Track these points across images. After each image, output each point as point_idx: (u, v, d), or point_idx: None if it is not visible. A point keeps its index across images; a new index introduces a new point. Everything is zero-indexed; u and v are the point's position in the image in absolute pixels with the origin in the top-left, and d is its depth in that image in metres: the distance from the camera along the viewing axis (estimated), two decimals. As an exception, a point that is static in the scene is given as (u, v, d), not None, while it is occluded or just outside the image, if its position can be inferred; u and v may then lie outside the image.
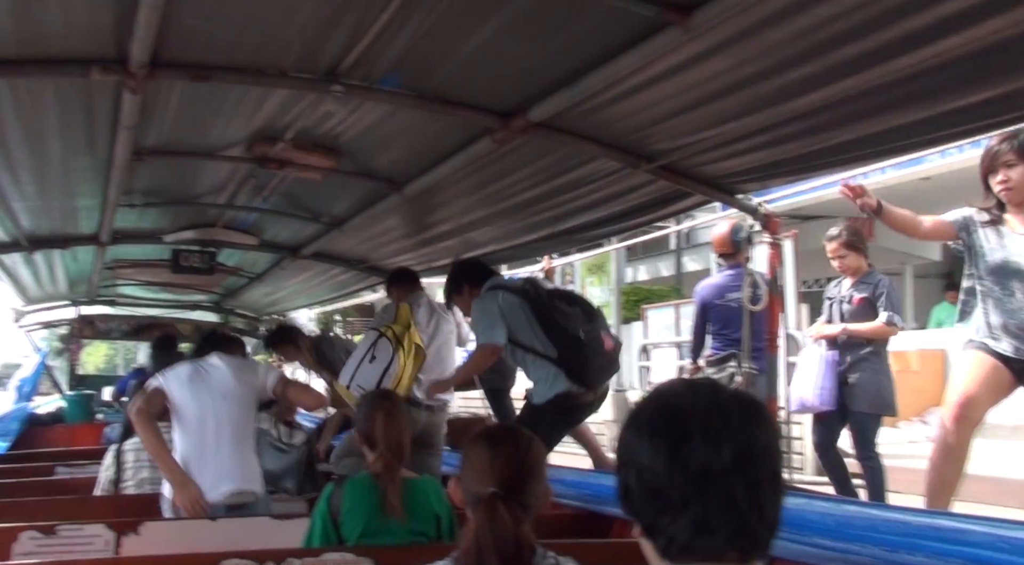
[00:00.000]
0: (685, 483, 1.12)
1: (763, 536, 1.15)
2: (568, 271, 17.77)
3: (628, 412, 1.26)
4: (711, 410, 1.16)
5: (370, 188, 4.31)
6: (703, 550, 1.13)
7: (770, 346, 3.51)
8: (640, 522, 1.20)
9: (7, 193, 4.07)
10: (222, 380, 3.72)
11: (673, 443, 1.14)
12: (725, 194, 3.55)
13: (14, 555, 3.09)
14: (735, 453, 1.12)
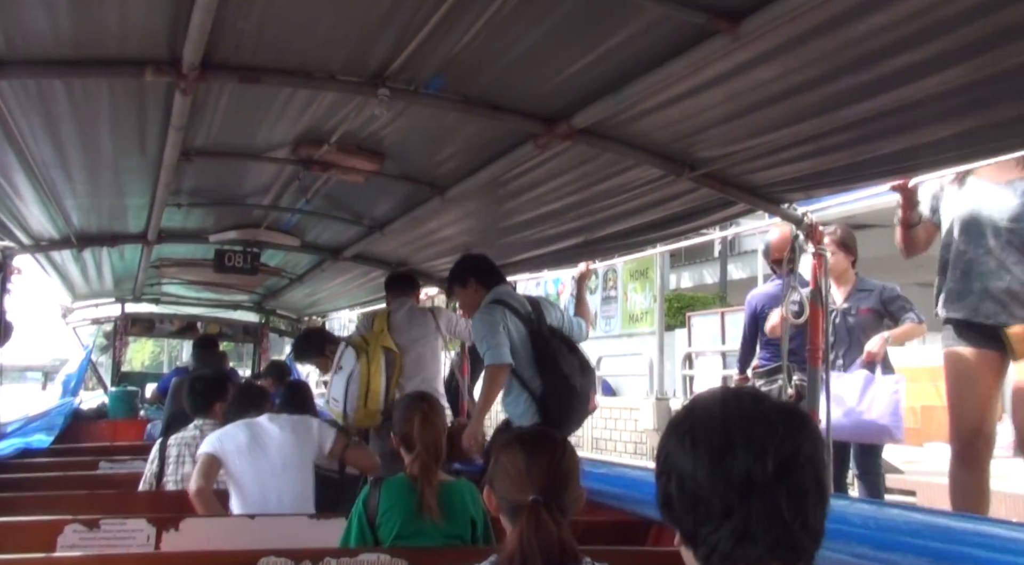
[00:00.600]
0: (727, 493, 1.12)
1: (806, 546, 1.14)
2: (611, 277, 17.70)
3: (670, 420, 1.25)
4: (754, 420, 1.15)
5: (412, 191, 4.33)
6: (745, 560, 1.12)
7: (812, 359, 3.45)
8: (681, 531, 1.20)
9: (60, 191, 4.15)
10: (282, 449, 3.66)
11: (716, 453, 1.14)
12: (769, 203, 3.52)
13: (59, 547, 3.15)
14: (778, 463, 1.11)
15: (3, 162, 3.60)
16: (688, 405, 1.25)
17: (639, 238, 4.55)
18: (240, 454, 3.61)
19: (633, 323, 16.75)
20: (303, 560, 2.84)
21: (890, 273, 7.09)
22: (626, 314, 17.00)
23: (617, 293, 17.42)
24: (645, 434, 11.13)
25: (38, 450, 6.17)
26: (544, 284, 20.22)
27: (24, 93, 2.91)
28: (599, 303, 17.94)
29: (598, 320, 17.81)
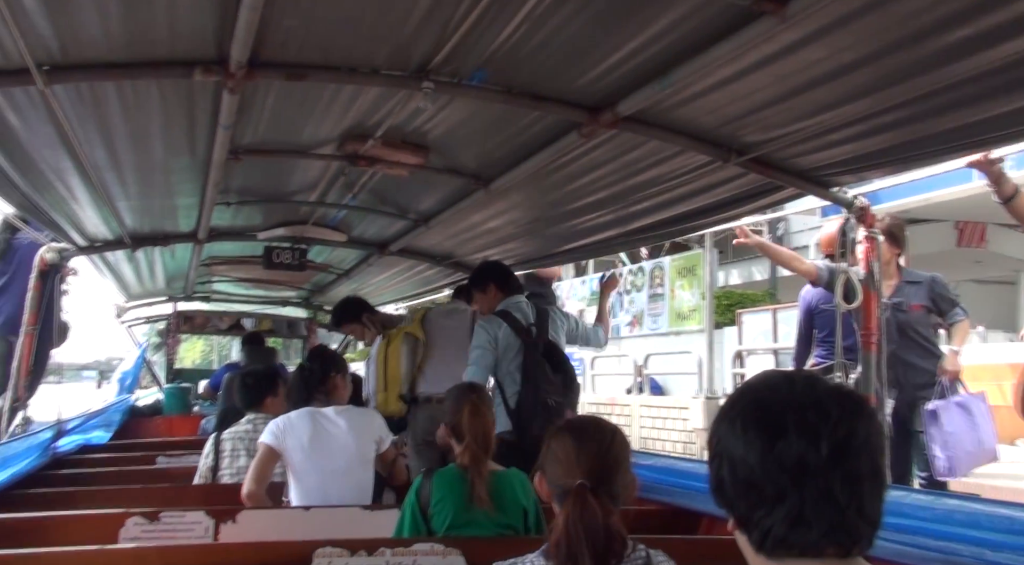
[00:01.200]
0: (780, 477, 1.11)
1: (863, 531, 1.12)
2: (657, 274, 17.57)
3: (722, 404, 1.24)
4: (807, 403, 1.14)
5: (456, 184, 4.34)
6: (799, 544, 1.11)
7: (865, 344, 3.40)
8: (734, 515, 1.19)
9: (113, 193, 4.23)
10: (345, 448, 3.65)
11: (768, 437, 1.13)
12: (819, 187, 3.47)
13: (121, 539, 3.22)
14: (832, 447, 1.10)
15: (60, 167, 3.68)
16: (740, 389, 1.24)
17: (686, 225, 4.52)
18: (302, 450, 3.60)
19: (681, 321, 16.60)
20: (358, 550, 2.87)
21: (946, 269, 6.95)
22: (673, 312, 16.86)
23: (664, 291, 17.27)
24: (695, 433, 11.06)
25: (98, 446, 6.31)
26: (590, 282, 20.19)
27: (78, 98, 2.96)
28: (646, 301, 17.83)
29: (645, 318, 17.72)
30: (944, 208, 12.10)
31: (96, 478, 4.75)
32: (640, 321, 18.01)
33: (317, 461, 3.60)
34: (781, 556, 1.13)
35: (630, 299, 18.47)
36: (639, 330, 17.95)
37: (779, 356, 11.85)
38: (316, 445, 3.61)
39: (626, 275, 18.58)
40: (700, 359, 12.45)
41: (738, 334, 13.61)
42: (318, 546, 2.85)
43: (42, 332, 5.45)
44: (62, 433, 5.46)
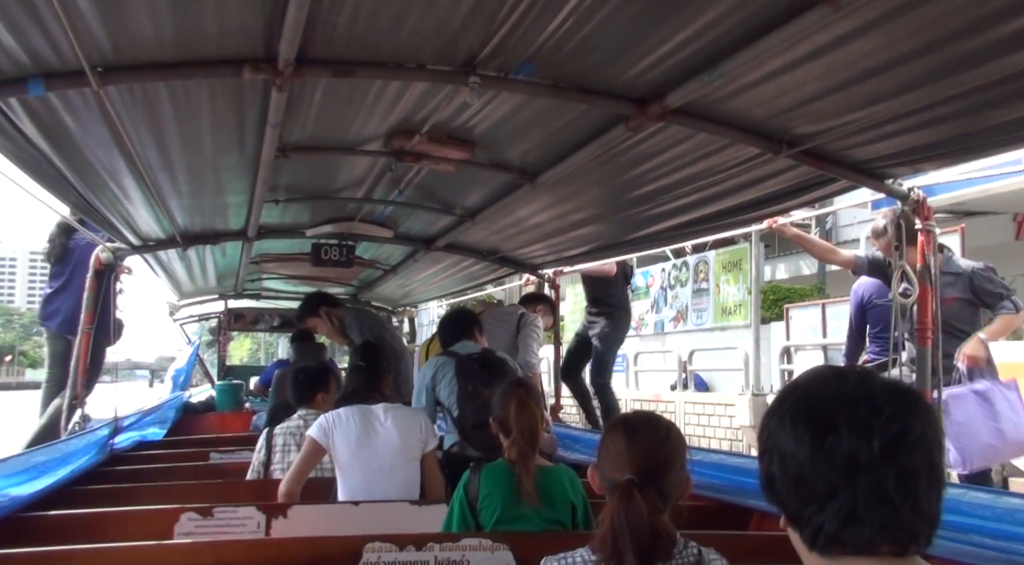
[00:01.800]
0: (831, 473, 1.09)
1: (919, 529, 1.09)
2: (702, 269, 17.37)
3: (773, 400, 1.22)
4: (859, 398, 1.11)
5: (502, 179, 4.34)
6: (852, 542, 1.09)
7: (920, 338, 3.32)
8: (785, 512, 1.17)
9: (165, 192, 4.30)
10: (390, 446, 3.66)
11: (817, 432, 1.11)
12: (873, 179, 3.39)
13: (176, 534, 3.28)
14: (885, 443, 1.07)
15: (113, 167, 3.74)
16: (791, 384, 1.22)
17: (734, 219, 4.46)
18: (349, 446, 3.63)
19: (726, 316, 16.38)
20: (407, 545, 2.89)
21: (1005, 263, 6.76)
22: (718, 307, 16.64)
23: (709, 286, 17.05)
24: (741, 431, 10.92)
25: (153, 442, 6.44)
26: (634, 277, 20.02)
27: (131, 98, 3.01)
28: (690, 296, 17.63)
29: (689, 313, 17.54)
30: (1003, 201, 11.80)
31: (151, 474, 4.84)
32: (684, 316, 17.83)
33: (363, 458, 3.62)
34: (835, 554, 1.10)
35: (674, 294, 18.30)
36: (683, 326, 17.77)
37: (828, 352, 11.64)
38: (363, 442, 3.63)
39: (670, 270, 18.43)
40: (746, 355, 12.28)
41: (785, 329, 13.39)
42: (368, 541, 2.87)
43: (98, 331, 5.57)
44: (119, 430, 5.57)
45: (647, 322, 19.08)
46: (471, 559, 2.86)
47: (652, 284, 19.25)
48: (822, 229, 19.22)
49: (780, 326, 14.32)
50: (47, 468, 3.83)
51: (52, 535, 3.19)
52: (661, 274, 18.74)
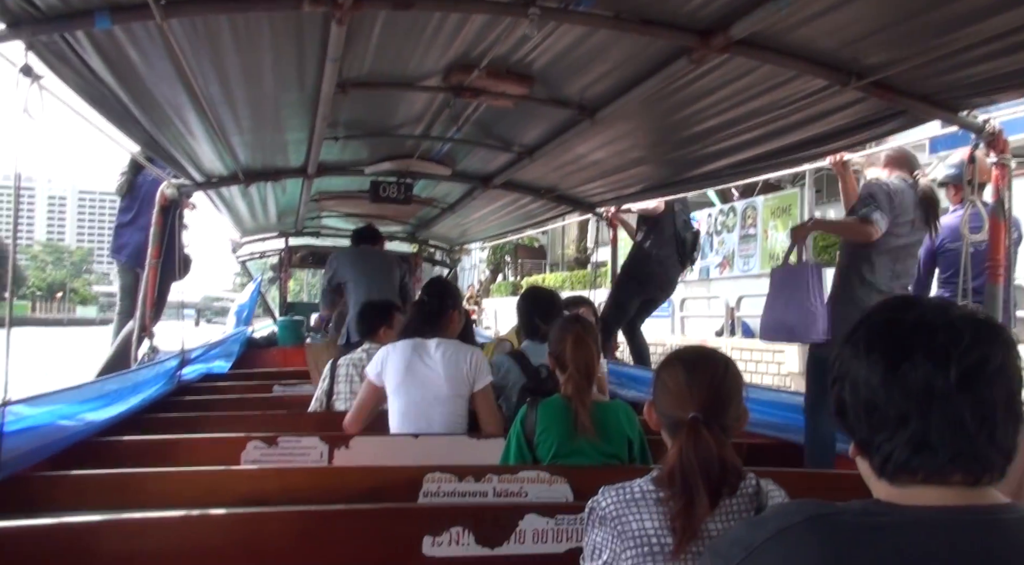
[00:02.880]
0: (903, 401, 1.07)
1: (994, 460, 1.07)
2: (750, 214, 17.08)
3: (850, 328, 1.20)
4: (937, 326, 1.08)
5: (561, 115, 4.28)
6: (923, 470, 1.07)
7: (992, 276, 3.23)
8: (855, 439, 1.15)
9: (227, 128, 4.34)
10: (435, 381, 3.68)
11: (892, 358, 1.08)
12: (946, 111, 3.26)
13: (243, 461, 3.40)
14: (963, 372, 1.04)
15: (177, 102, 3.79)
16: (867, 313, 1.19)
17: (797, 155, 4.35)
18: (396, 376, 3.69)
19: (774, 262, 16.11)
20: (466, 476, 2.95)
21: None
22: (766, 253, 16.38)
23: (757, 231, 16.78)
24: (790, 377, 10.80)
25: (219, 375, 6.64)
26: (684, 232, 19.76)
27: (193, 31, 3.02)
28: (737, 242, 17.40)
29: (736, 259, 17.31)
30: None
31: (218, 404, 5.00)
32: (731, 263, 17.63)
33: (407, 389, 3.68)
34: (904, 482, 1.09)
35: (720, 240, 18.07)
36: (730, 272, 17.57)
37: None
38: (409, 374, 3.67)
39: (716, 215, 18.16)
40: None
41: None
42: (428, 471, 2.93)
43: (164, 265, 5.71)
44: (186, 362, 5.74)
45: (692, 268, 18.90)
46: (529, 491, 2.91)
47: (698, 229, 19.00)
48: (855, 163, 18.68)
49: (829, 272, 14.03)
50: (120, 396, 3.97)
51: (126, 458, 3.33)
52: (707, 220, 18.51)
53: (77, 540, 2.18)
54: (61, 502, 2.66)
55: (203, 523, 2.30)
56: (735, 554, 1.08)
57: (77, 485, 2.80)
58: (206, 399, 5.24)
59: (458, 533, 2.37)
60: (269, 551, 2.28)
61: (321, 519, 2.38)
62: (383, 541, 2.36)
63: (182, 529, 2.27)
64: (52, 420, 3.06)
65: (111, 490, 2.79)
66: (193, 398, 5.26)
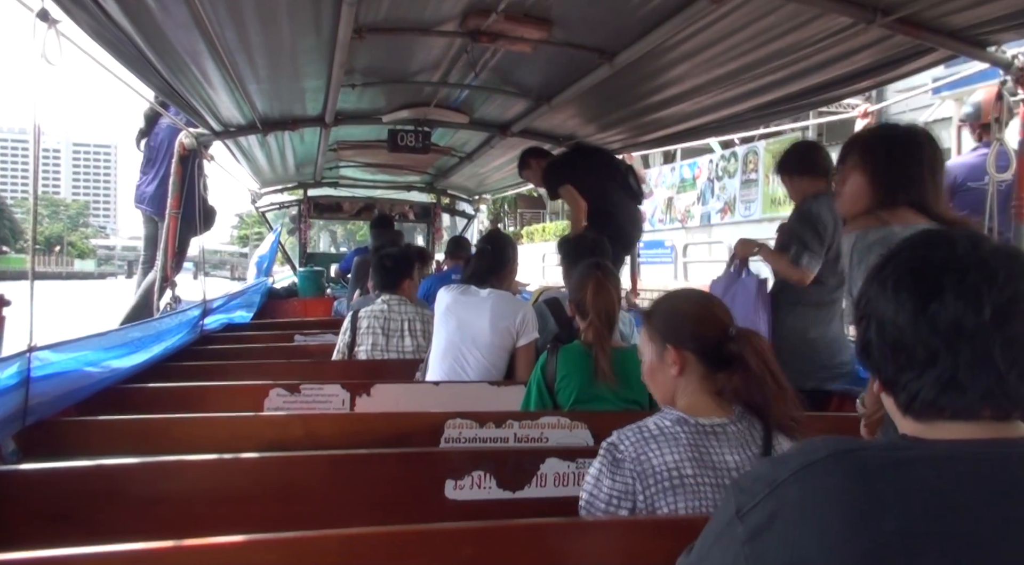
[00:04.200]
0: (932, 339, 1.05)
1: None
2: (751, 159, 16.94)
3: (873, 265, 1.18)
4: (969, 263, 1.06)
5: (580, 59, 4.21)
6: (951, 407, 1.06)
7: (1018, 214, 3.18)
8: (880, 378, 1.14)
9: (244, 76, 4.31)
10: (480, 329, 3.70)
11: (921, 297, 1.07)
12: (974, 47, 3.18)
13: (266, 408, 3.44)
14: (995, 309, 1.03)
15: (194, 49, 3.76)
16: (892, 249, 1.16)
17: (820, 96, 4.27)
18: (442, 320, 3.73)
19: (775, 207, 16.16)
20: (487, 422, 2.97)
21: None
22: (767, 198, 16.36)
23: (758, 176, 16.73)
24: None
25: (241, 324, 6.70)
26: (680, 168, 19.69)
27: None
28: (738, 187, 17.37)
29: (737, 204, 17.26)
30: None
31: (240, 353, 5.05)
32: (732, 208, 17.62)
33: (446, 327, 3.72)
34: (931, 419, 1.08)
35: (721, 185, 18.04)
36: (730, 217, 17.59)
37: None
38: (454, 318, 3.71)
39: (717, 161, 18.06)
40: None
41: None
42: (449, 417, 2.96)
43: (184, 216, 5.73)
44: (208, 312, 5.79)
45: (693, 214, 18.98)
46: (550, 436, 2.93)
47: (699, 176, 18.99)
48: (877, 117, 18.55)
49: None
50: (143, 344, 4.02)
51: (151, 405, 3.38)
52: (708, 165, 18.46)
53: (109, 481, 2.23)
54: (89, 447, 2.70)
55: (232, 466, 2.34)
56: (759, 490, 1.08)
57: (105, 430, 2.85)
58: (228, 348, 5.29)
59: (480, 477, 2.39)
60: (295, 494, 2.31)
61: (345, 463, 2.41)
62: (406, 485, 2.38)
63: (211, 472, 2.31)
64: (78, 367, 3.10)
65: (138, 435, 2.84)
66: (215, 347, 5.31)
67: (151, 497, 2.22)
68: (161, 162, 6.32)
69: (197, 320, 5.46)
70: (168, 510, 2.22)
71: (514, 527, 1.83)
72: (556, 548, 1.75)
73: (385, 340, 4.45)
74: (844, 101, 4.27)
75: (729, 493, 1.13)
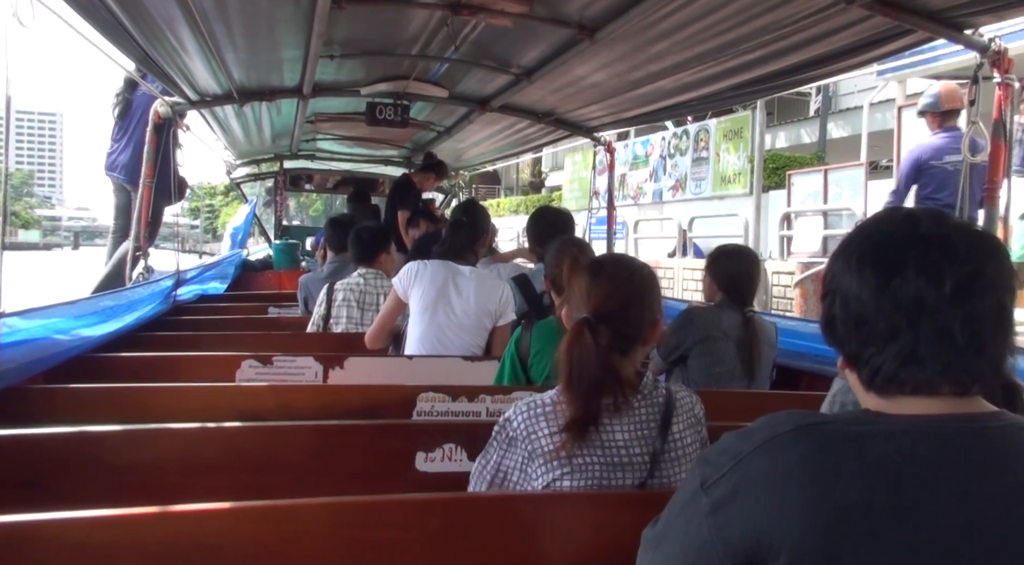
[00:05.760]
0: (894, 314, 1.07)
1: (983, 372, 1.08)
2: (703, 137, 17.09)
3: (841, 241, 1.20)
4: (931, 240, 1.08)
5: (561, 35, 4.20)
6: (912, 382, 1.08)
7: (989, 197, 3.22)
8: (844, 353, 1.16)
9: (221, 44, 4.25)
10: (464, 310, 3.70)
11: (884, 272, 1.08)
12: (951, 29, 3.20)
13: (238, 379, 3.43)
14: (956, 285, 1.05)
15: (170, 16, 3.70)
16: (859, 226, 1.19)
17: (798, 76, 4.29)
18: (424, 298, 3.70)
19: (724, 185, 16.38)
20: (459, 396, 2.98)
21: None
22: (717, 176, 16.60)
23: (709, 154, 16.94)
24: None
25: (214, 296, 6.65)
26: (633, 145, 19.79)
27: None
28: (689, 165, 17.58)
29: (688, 182, 17.49)
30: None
31: (213, 325, 5.03)
32: (683, 185, 17.86)
33: (435, 314, 3.69)
34: (892, 393, 1.10)
35: (673, 163, 18.25)
36: (681, 195, 17.86)
37: (828, 217, 11.60)
38: (438, 297, 3.69)
39: (669, 139, 18.25)
40: (746, 221, 12.27)
41: (787, 196, 13.29)
42: (422, 391, 2.96)
43: (158, 185, 5.67)
44: (181, 282, 5.75)
45: (645, 191, 19.21)
46: (522, 411, 2.94)
47: (651, 153, 19.17)
48: (825, 94, 18.80)
49: (778, 195, 14.42)
50: (115, 313, 3.98)
51: (122, 374, 3.36)
52: (661, 143, 18.68)
53: (80, 448, 2.22)
54: (58, 414, 2.69)
55: (205, 435, 2.34)
56: (724, 463, 1.10)
57: (74, 398, 2.83)
58: (201, 319, 5.26)
59: (451, 450, 2.40)
60: (266, 464, 2.31)
61: (316, 434, 2.41)
62: (377, 456, 2.39)
63: (184, 440, 2.31)
64: (47, 334, 3.07)
65: (108, 404, 2.82)
66: (188, 318, 5.28)
67: (122, 465, 2.22)
68: (134, 130, 6.24)
69: (170, 290, 5.42)
70: (139, 478, 2.21)
71: (482, 499, 1.84)
72: (524, 519, 1.77)
73: (360, 313, 4.45)
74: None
75: (695, 466, 1.15)
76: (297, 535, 1.63)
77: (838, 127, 18.73)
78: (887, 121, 14.80)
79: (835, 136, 18.57)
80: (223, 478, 2.25)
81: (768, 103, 15.31)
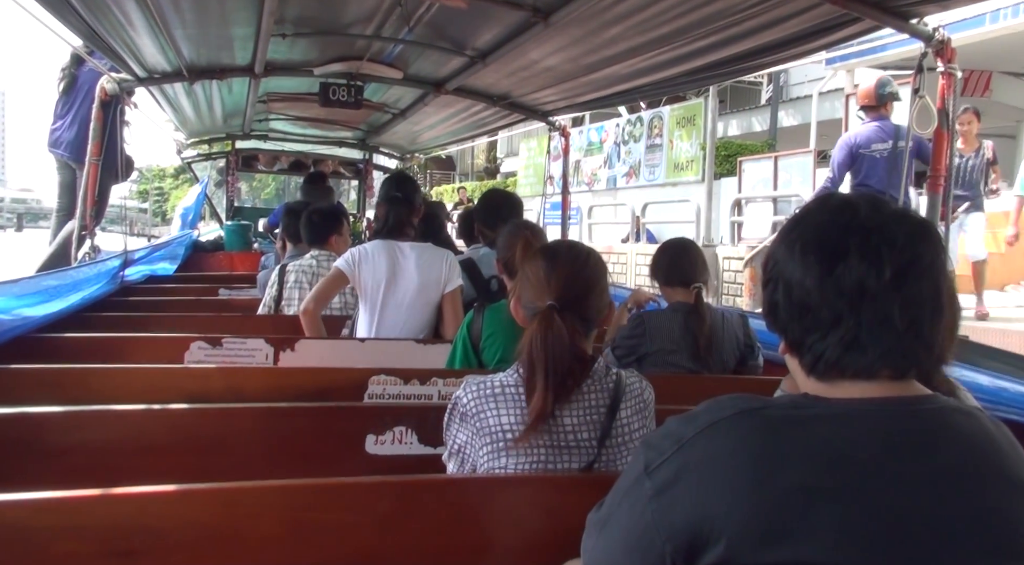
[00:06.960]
0: (837, 301, 1.09)
1: (920, 355, 1.11)
2: (656, 124, 17.27)
3: (781, 228, 1.21)
4: (871, 227, 1.10)
5: (515, 17, 4.19)
6: (852, 367, 1.10)
7: (932, 185, 3.29)
8: (786, 339, 1.18)
9: (169, 20, 4.16)
10: (410, 284, 3.68)
11: (827, 260, 1.10)
12: (897, 19, 3.25)
13: (186, 361, 3.38)
14: (895, 271, 1.07)
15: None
16: (799, 213, 1.20)
17: (749, 63, 4.34)
18: (373, 281, 3.66)
19: (678, 172, 16.68)
20: (411, 379, 2.98)
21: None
22: (671, 163, 16.87)
23: (662, 141, 17.20)
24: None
25: (164, 277, 6.55)
26: (587, 132, 19.92)
27: None
28: (643, 152, 17.79)
29: (642, 168, 17.71)
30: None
31: (163, 306, 4.94)
32: (637, 172, 18.09)
33: (384, 294, 3.67)
34: (833, 378, 1.13)
35: (627, 150, 18.47)
36: (635, 181, 18.09)
37: (778, 203, 11.88)
38: (386, 278, 3.66)
39: (624, 125, 18.41)
40: (698, 207, 12.47)
41: (738, 182, 13.52)
42: (373, 374, 2.95)
43: (104, 163, 5.55)
44: (129, 263, 5.64)
45: (600, 178, 19.41)
46: (473, 393, 2.94)
47: (605, 140, 19.34)
48: (776, 84, 19.15)
49: (729, 182, 14.72)
50: (59, 292, 3.90)
51: (67, 355, 3.29)
52: (615, 130, 18.85)
53: (23, 429, 2.17)
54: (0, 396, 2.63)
55: (152, 417, 2.30)
56: (667, 447, 1.11)
57: (16, 379, 2.76)
58: (150, 300, 5.17)
59: (401, 432, 2.40)
60: (215, 446, 2.29)
61: (266, 416, 2.39)
62: (327, 439, 2.38)
63: (131, 422, 2.27)
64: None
65: (52, 385, 2.76)
66: (136, 299, 5.19)
67: (66, 447, 2.18)
68: (80, 106, 6.09)
69: (117, 270, 5.32)
70: (83, 460, 2.17)
71: (433, 482, 1.84)
72: (474, 503, 1.77)
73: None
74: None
75: (639, 450, 1.17)
76: (244, 518, 1.62)
77: (788, 116, 18.99)
78: (835, 110, 15.07)
79: (785, 124, 18.83)
80: (170, 460, 2.23)
81: (720, 91, 15.50)
